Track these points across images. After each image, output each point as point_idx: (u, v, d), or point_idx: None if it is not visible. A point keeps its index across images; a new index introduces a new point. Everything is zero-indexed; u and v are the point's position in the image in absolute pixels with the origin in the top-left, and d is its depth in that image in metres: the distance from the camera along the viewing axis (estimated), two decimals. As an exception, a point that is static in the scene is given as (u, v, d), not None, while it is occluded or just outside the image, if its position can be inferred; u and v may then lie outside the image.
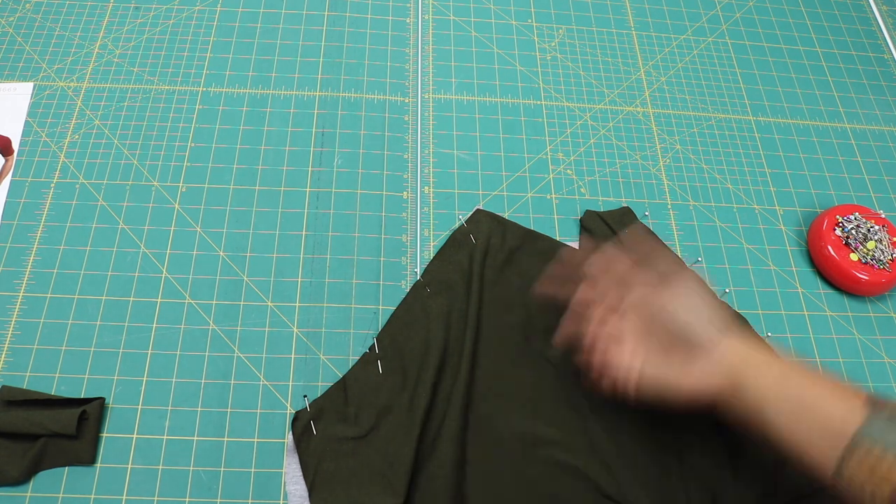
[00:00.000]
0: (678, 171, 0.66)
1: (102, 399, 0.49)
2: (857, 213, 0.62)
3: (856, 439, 0.34)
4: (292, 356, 0.53)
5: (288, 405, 0.51)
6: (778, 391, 0.39)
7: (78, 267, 0.55)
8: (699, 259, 0.61)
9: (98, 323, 0.53)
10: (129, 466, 0.48)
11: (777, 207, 0.66)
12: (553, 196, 0.63)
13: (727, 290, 0.59)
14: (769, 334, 0.58)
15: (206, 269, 0.56)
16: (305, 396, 0.51)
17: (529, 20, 0.75)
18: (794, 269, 0.62)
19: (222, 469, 0.48)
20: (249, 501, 0.47)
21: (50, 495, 0.47)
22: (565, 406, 0.52)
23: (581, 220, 0.62)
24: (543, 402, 0.52)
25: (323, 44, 0.69)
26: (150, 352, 0.52)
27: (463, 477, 0.48)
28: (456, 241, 0.59)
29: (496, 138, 0.66)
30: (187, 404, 0.50)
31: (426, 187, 0.62)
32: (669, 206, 0.64)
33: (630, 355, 0.43)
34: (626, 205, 0.63)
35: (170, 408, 0.50)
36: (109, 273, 0.55)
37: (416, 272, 0.57)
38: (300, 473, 0.48)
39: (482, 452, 0.50)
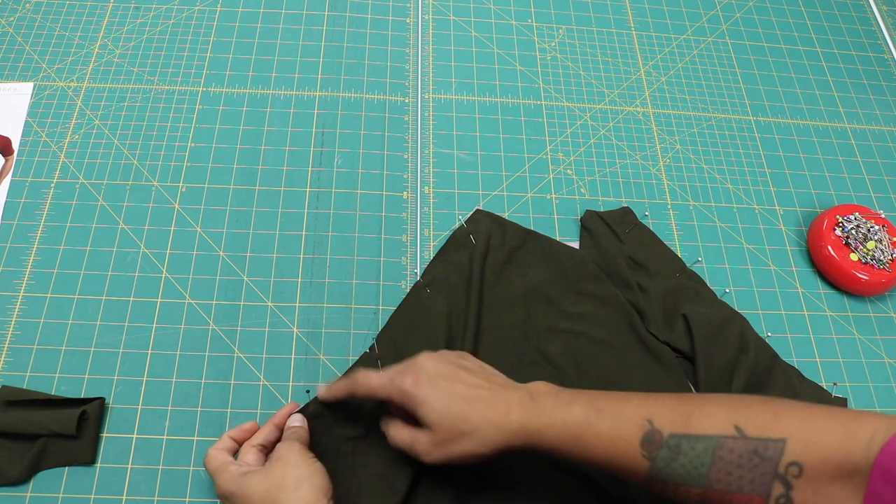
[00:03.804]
0: (678, 171, 0.66)
1: (102, 399, 0.49)
2: (857, 213, 0.62)
3: (649, 482, 0.38)
4: (292, 356, 0.53)
5: (288, 405, 0.51)
6: (569, 450, 0.40)
7: (78, 267, 0.55)
8: (699, 259, 0.61)
9: (98, 323, 0.53)
10: (129, 466, 0.48)
11: (777, 207, 0.66)
12: (553, 196, 0.63)
13: (727, 290, 0.60)
14: (769, 334, 0.58)
15: (206, 269, 0.56)
16: (308, 391, 0.51)
17: (529, 20, 0.75)
18: (794, 269, 0.62)
19: (222, 469, 0.48)
20: (249, 501, 0.47)
21: (50, 495, 0.47)
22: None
23: (581, 220, 0.62)
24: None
25: (323, 44, 0.69)
26: (150, 352, 0.52)
27: (463, 477, 0.48)
28: (456, 242, 0.59)
29: (496, 138, 0.66)
30: (187, 404, 0.50)
31: (426, 187, 0.62)
32: (669, 206, 0.64)
33: (406, 430, 0.44)
34: (626, 205, 0.63)
35: (170, 408, 0.50)
36: (109, 273, 0.55)
37: (416, 272, 0.57)
38: (300, 473, 0.48)
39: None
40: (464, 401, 0.42)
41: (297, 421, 0.47)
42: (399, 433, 0.44)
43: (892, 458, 0.32)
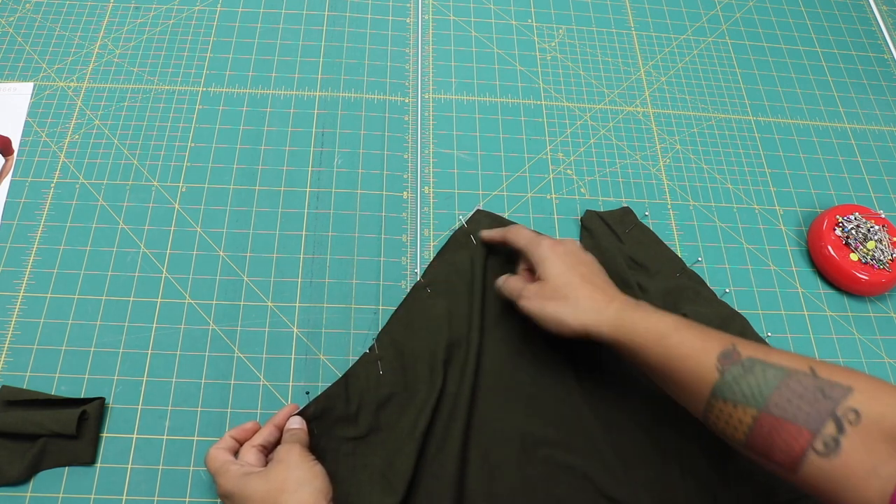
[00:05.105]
0: (678, 171, 0.66)
1: (102, 399, 0.49)
2: (857, 213, 0.62)
3: (711, 397, 0.40)
4: (292, 356, 0.53)
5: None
6: (650, 349, 0.44)
7: (78, 267, 0.55)
8: (699, 259, 0.61)
9: (98, 323, 0.53)
10: (129, 466, 0.48)
11: (777, 207, 0.66)
12: (553, 196, 0.63)
13: (727, 290, 0.60)
14: (769, 334, 0.58)
15: (206, 269, 0.56)
16: (308, 393, 0.51)
17: (529, 20, 0.75)
18: (794, 269, 0.62)
19: (222, 469, 0.48)
20: (249, 501, 0.47)
21: (50, 495, 0.47)
22: (565, 406, 0.52)
23: (581, 220, 0.62)
24: (544, 402, 0.52)
25: (323, 44, 0.69)
26: (150, 352, 0.52)
27: (464, 477, 0.48)
28: (456, 242, 0.58)
29: (496, 138, 0.66)
30: (187, 404, 0.50)
31: (426, 187, 0.62)
32: (669, 206, 0.64)
33: (520, 280, 0.51)
34: (626, 205, 0.63)
35: (170, 408, 0.50)
36: (109, 273, 0.55)
37: (416, 272, 0.57)
38: (300, 473, 0.48)
39: (483, 452, 0.50)
40: (580, 277, 0.48)
41: (297, 423, 0.47)
42: (512, 280, 0.52)
43: None
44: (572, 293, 0.47)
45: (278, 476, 0.42)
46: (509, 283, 0.52)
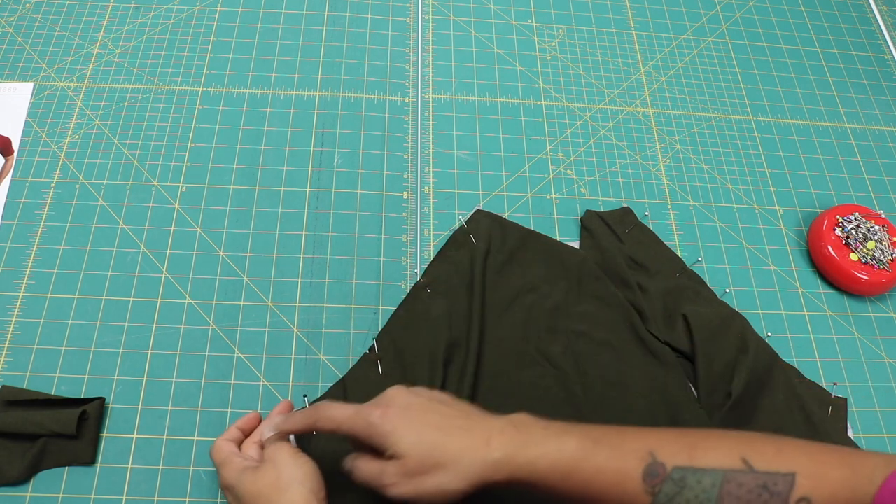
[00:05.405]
0: (678, 171, 0.66)
1: (102, 399, 0.49)
2: (857, 213, 0.62)
3: None
4: (292, 356, 0.53)
5: (288, 405, 0.51)
6: (562, 486, 0.38)
7: (78, 267, 0.55)
8: (699, 259, 0.61)
9: (98, 323, 0.53)
10: (129, 466, 0.48)
11: (777, 207, 0.66)
12: (553, 196, 0.63)
13: (727, 290, 0.60)
14: (769, 334, 0.58)
15: (206, 269, 0.56)
16: (305, 396, 0.51)
17: (529, 20, 0.75)
18: (794, 269, 0.62)
19: (222, 469, 0.48)
20: (249, 501, 0.47)
21: (50, 495, 0.47)
22: (565, 406, 0.52)
23: (581, 220, 0.62)
24: (543, 403, 0.52)
25: (323, 44, 0.69)
26: (150, 352, 0.52)
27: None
28: (456, 242, 0.59)
29: (496, 138, 0.66)
30: (187, 404, 0.50)
31: (426, 187, 0.62)
32: (669, 206, 0.64)
33: (373, 461, 0.41)
34: (626, 205, 0.63)
35: (170, 408, 0.50)
36: (109, 273, 0.55)
37: (416, 272, 0.57)
38: (300, 473, 0.48)
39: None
40: (439, 430, 0.39)
41: (272, 430, 0.45)
42: (365, 464, 0.40)
43: (892, 495, 0.32)
44: (443, 456, 0.38)
45: (267, 475, 0.41)
46: (363, 469, 0.40)
